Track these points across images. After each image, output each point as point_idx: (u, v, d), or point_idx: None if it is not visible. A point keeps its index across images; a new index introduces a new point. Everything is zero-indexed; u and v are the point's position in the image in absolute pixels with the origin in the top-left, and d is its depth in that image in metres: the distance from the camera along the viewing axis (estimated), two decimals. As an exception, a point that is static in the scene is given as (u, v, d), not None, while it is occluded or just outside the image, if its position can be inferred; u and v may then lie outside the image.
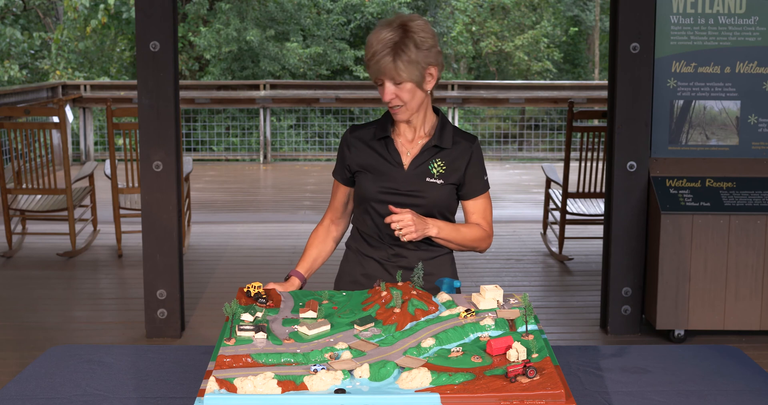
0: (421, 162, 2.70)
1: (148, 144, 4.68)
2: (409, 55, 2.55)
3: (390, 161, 2.71)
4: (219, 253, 6.81)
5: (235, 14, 16.10)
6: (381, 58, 2.55)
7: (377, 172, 2.71)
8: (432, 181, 2.69)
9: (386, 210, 2.66)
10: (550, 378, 1.93)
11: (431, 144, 2.70)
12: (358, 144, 2.75)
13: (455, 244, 2.74)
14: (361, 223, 2.79)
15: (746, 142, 4.83)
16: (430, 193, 2.68)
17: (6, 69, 15.53)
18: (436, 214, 2.71)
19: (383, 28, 2.58)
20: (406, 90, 2.60)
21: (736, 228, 4.66)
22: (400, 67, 2.55)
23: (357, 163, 2.74)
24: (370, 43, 2.58)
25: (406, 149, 2.73)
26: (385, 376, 1.96)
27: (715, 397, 2.72)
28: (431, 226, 2.62)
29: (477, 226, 2.78)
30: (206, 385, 1.91)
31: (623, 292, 4.88)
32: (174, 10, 4.64)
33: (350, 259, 2.85)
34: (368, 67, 2.61)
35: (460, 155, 2.71)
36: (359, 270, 2.80)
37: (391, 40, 2.55)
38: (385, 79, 2.59)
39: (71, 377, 2.89)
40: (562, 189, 6.61)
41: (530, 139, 12.89)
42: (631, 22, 4.69)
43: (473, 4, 19.16)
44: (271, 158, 11.96)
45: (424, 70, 2.59)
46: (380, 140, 2.72)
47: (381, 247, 2.76)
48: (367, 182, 2.71)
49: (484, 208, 2.79)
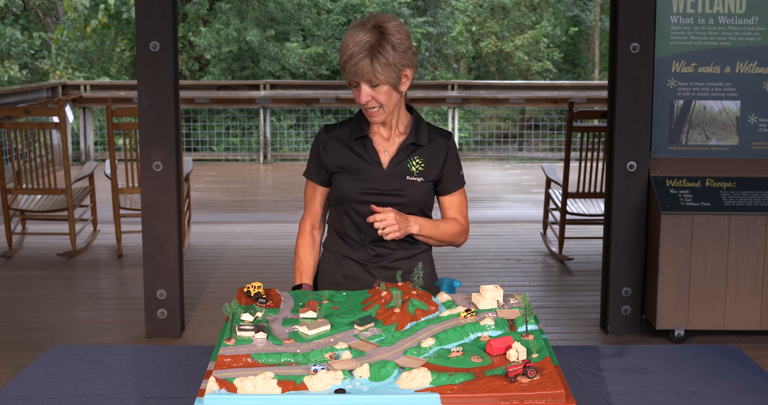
0: (399, 160, 2.70)
1: (148, 144, 4.68)
2: (387, 57, 2.53)
3: (368, 161, 2.70)
4: (219, 253, 6.81)
5: (235, 14, 16.10)
6: (358, 60, 2.52)
7: (356, 172, 2.70)
8: (412, 180, 2.70)
9: (367, 210, 2.66)
10: (550, 378, 1.93)
11: (408, 142, 2.71)
12: (335, 144, 2.73)
13: (435, 240, 2.76)
14: (339, 223, 2.78)
15: (746, 142, 4.82)
16: (411, 192, 2.69)
17: (6, 69, 15.53)
18: (416, 211, 2.72)
19: (359, 30, 2.55)
20: (382, 92, 2.59)
21: (736, 228, 4.66)
22: (377, 70, 2.53)
23: (335, 163, 2.72)
24: (346, 45, 2.55)
25: (384, 148, 2.72)
26: (385, 376, 1.96)
27: (715, 397, 2.72)
28: (413, 223, 2.65)
29: (454, 221, 2.80)
30: (206, 385, 1.91)
31: (623, 292, 4.88)
32: (174, 10, 4.64)
33: (329, 261, 2.83)
34: (343, 70, 2.58)
35: (437, 152, 2.73)
36: (339, 271, 2.79)
37: (368, 42, 2.53)
38: (362, 82, 2.57)
39: (71, 377, 2.89)
40: (562, 189, 6.61)
41: (530, 139, 12.89)
42: (631, 22, 4.69)
43: (473, 4, 19.16)
44: (271, 158, 11.96)
45: (400, 71, 2.59)
46: (357, 140, 2.71)
47: (361, 248, 2.75)
48: (347, 182, 2.70)
49: (461, 203, 2.82)
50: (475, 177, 10.74)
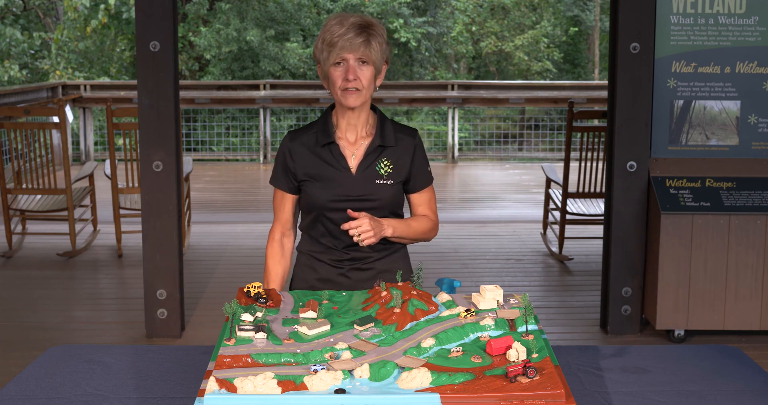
0: (368, 164, 2.69)
1: (148, 144, 4.68)
2: (379, 41, 2.61)
3: (336, 167, 2.68)
4: (219, 253, 6.81)
5: (235, 14, 16.10)
6: (354, 35, 2.56)
7: (325, 180, 2.68)
8: (382, 183, 2.69)
9: (339, 217, 2.66)
10: (550, 378, 1.93)
11: (375, 144, 2.69)
12: (302, 151, 2.71)
13: (408, 239, 2.77)
14: (312, 229, 2.77)
15: (746, 142, 4.83)
16: (381, 195, 2.69)
17: (6, 69, 15.53)
18: (388, 213, 2.72)
19: (347, 16, 2.61)
20: (367, 74, 2.61)
21: (736, 228, 4.66)
22: (373, 47, 2.58)
23: (302, 171, 2.70)
24: (338, 23, 2.58)
25: (351, 152, 2.70)
26: (385, 376, 1.96)
27: (715, 397, 2.71)
28: (386, 226, 2.65)
29: (425, 218, 2.82)
30: (206, 385, 1.91)
31: (623, 292, 4.88)
32: (174, 10, 4.64)
33: (302, 263, 2.83)
34: (331, 46, 2.58)
35: (404, 152, 2.73)
36: (313, 275, 2.78)
37: (362, 24, 2.59)
38: (352, 57, 2.58)
39: (71, 377, 2.89)
40: (562, 189, 6.61)
41: (530, 139, 12.89)
42: (631, 22, 4.69)
43: (473, 4, 19.16)
44: (271, 158, 11.96)
45: (383, 61, 2.65)
46: (324, 146, 2.69)
47: (334, 252, 2.75)
48: (316, 191, 2.68)
49: (429, 199, 2.83)
50: (475, 177, 10.74)
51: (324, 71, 2.65)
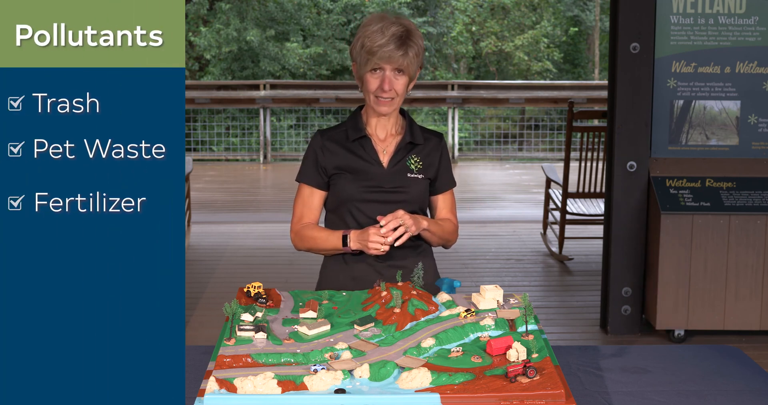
0: (399, 159, 2.73)
1: (148, 144, 4.68)
2: (416, 51, 2.63)
3: (368, 160, 2.71)
4: (219, 253, 6.81)
5: (235, 14, 16.10)
6: (396, 47, 2.58)
7: (357, 172, 2.70)
8: (413, 177, 2.73)
9: (371, 209, 2.67)
10: (550, 378, 1.93)
11: (406, 141, 2.74)
12: (333, 146, 2.73)
13: (436, 238, 2.77)
14: (340, 226, 2.74)
15: (746, 142, 4.83)
16: (413, 189, 2.72)
17: None
18: (417, 208, 2.75)
19: (385, 21, 2.61)
20: (401, 83, 2.65)
21: (736, 228, 4.66)
22: (410, 59, 2.61)
23: (333, 164, 2.72)
24: (382, 31, 2.59)
25: (382, 148, 2.75)
26: (385, 376, 1.96)
27: (715, 397, 2.71)
28: (421, 219, 2.66)
29: (449, 221, 2.85)
30: (206, 385, 1.91)
31: (623, 292, 4.88)
32: (174, 10, 4.64)
33: (331, 266, 2.79)
34: (371, 54, 2.60)
35: (433, 150, 2.78)
36: (347, 273, 2.74)
37: (401, 33, 2.60)
38: (389, 67, 2.61)
39: (71, 377, 2.88)
40: (562, 189, 6.61)
41: (530, 139, 12.88)
42: (631, 22, 4.69)
43: (473, 4, 19.16)
44: (271, 158, 11.96)
45: (418, 68, 2.68)
46: (355, 141, 2.73)
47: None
48: (347, 183, 2.70)
49: (452, 203, 2.88)
50: (475, 177, 10.74)
51: (359, 74, 2.69)
